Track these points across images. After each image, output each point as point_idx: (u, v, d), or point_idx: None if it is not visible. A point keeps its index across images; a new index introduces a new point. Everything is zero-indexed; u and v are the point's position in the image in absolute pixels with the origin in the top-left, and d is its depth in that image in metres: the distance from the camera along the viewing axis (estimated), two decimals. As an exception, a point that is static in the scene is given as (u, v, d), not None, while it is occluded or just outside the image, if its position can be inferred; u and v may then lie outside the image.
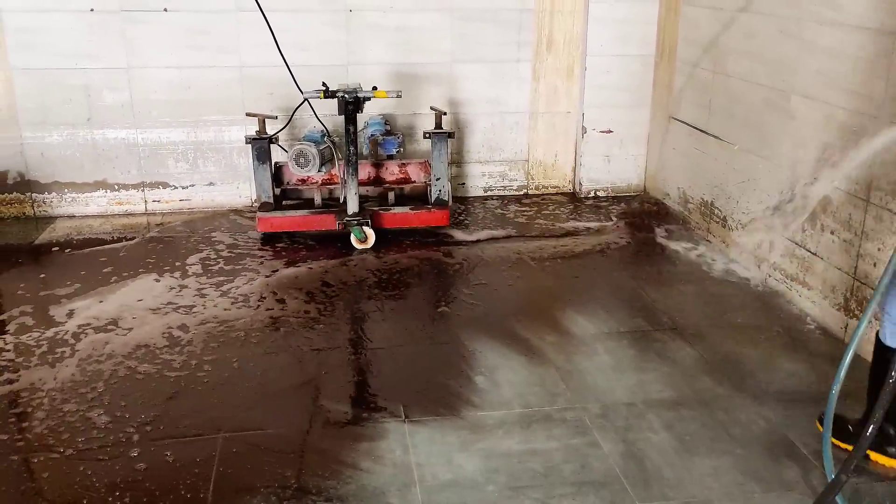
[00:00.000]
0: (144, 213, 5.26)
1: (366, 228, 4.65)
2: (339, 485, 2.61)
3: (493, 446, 2.82)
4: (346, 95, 4.43)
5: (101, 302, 3.91)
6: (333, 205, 4.91)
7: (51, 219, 5.12)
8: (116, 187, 5.24)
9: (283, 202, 5.00)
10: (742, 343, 3.56)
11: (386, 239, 4.76)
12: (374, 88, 4.49)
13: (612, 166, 5.67)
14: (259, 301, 3.97)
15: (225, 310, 3.86)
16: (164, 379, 3.24)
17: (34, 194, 5.14)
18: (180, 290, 4.06)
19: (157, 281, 4.17)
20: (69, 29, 4.88)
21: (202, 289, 4.08)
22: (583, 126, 5.58)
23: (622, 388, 3.20)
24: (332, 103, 4.55)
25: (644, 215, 5.28)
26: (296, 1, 5.04)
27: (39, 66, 4.91)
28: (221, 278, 4.22)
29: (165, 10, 4.93)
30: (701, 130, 4.88)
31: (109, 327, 3.65)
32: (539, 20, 5.39)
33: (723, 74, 4.59)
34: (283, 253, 4.60)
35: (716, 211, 4.73)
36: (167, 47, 5.02)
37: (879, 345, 2.60)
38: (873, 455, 2.69)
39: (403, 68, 5.30)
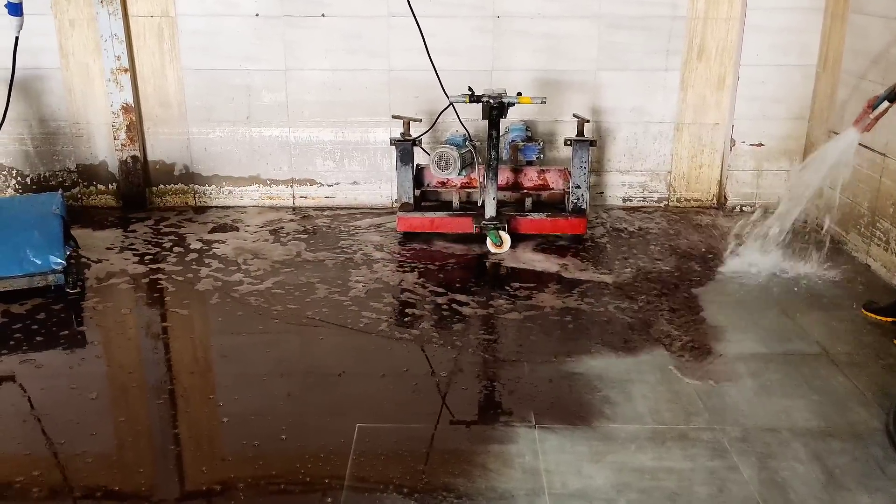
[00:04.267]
0: (292, 208, 5.54)
1: (502, 233, 4.67)
2: (468, 484, 2.63)
3: (625, 460, 2.76)
4: (490, 100, 4.48)
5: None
6: (471, 208, 4.97)
7: (216, 209, 5.50)
8: (268, 182, 5.55)
9: (423, 203, 5.11)
10: (903, 376, 3.30)
11: (521, 244, 4.77)
12: (519, 94, 4.52)
13: (762, 181, 5.41)
14: (394, 297, 4.08)
15: (361, 304, 3.99)
16: (293, 367, 3.41)
17: (196, 186, 5.54)
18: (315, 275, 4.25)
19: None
20: (236, 33, 5.21)
21: (336, 279, 4.25)
22: (732, 138, 5.35)
23: (765, 413, 3.04)
24: (475, 108, 4.61)
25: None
26: (445, 7, 5.15)
27: (208, 67, 5.28)
28: (358, 272, 4.38)
29: (323, 15, 5.17)
30: (866, 146, 4.55)
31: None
32: (691, 28, 5.22)
33: (893, 87, 4.27)
34: (420, 252, 4.70)
35: (877, 233, 4.40)
36: (322, 51, 5.27)
37: None
38: None
39: (547, 75, 5.29)
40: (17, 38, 4.56)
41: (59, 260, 4.00)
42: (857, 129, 3.62)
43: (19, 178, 5.45)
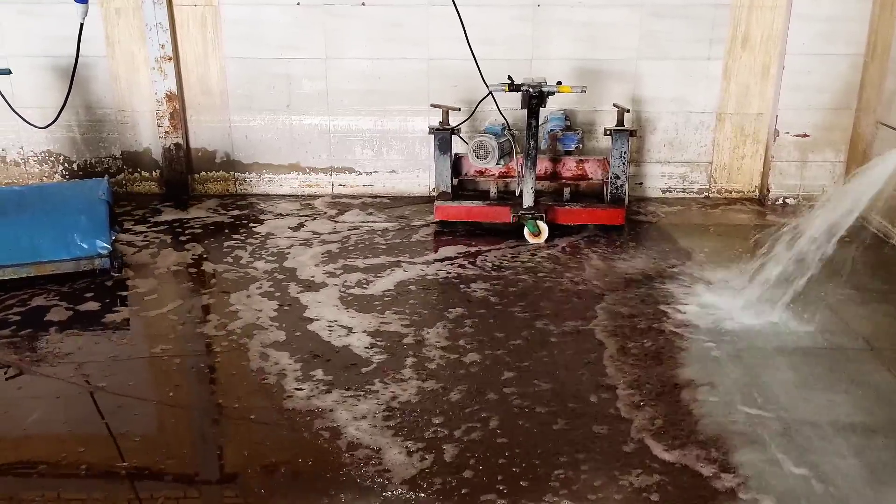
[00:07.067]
0: (331, 196, 5.58)
1: (539, 223, 4.66)
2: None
3: (663, 451, 2.75)
4: (530, 89, 4.46)
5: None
6: (508, 197, 4.97)
7: (259, 197, 5.58)
8: (308, 170, 5.60)
9: (460, 192, 5.12)
10: (950, 373, 3.22)
11: (558, 234, 4.75)
12: (559, 83, 4.49)
13: (806, 172, 5.32)
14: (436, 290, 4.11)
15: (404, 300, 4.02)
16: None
17: (237, 173, 5.62)
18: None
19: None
20: (277, 22, 5.27)
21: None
22: (775, 129, 5.26)
23: (807, 407, 3.00)
24: (514, 97, 4.60)
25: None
26: (485, -4, 5.14)
27: (249, 56, 5.34)
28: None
29: (363, 3, 5.20)
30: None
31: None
32: (735, 16, 5.14)
33: (946, 77, 4.16)
34: (455, 242, 4.71)
35: (926, 227, 4.30)
36: (362, 40, 5.29)
37: None
38: None
39: (587, 64, 5.25)
40: (81, 25, 4.57)
41: (105, 244, 4.10)
42: None
43: (66, 165, 5.58)
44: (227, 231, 4.90)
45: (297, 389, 3.06)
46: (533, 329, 3.58)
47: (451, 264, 4.34)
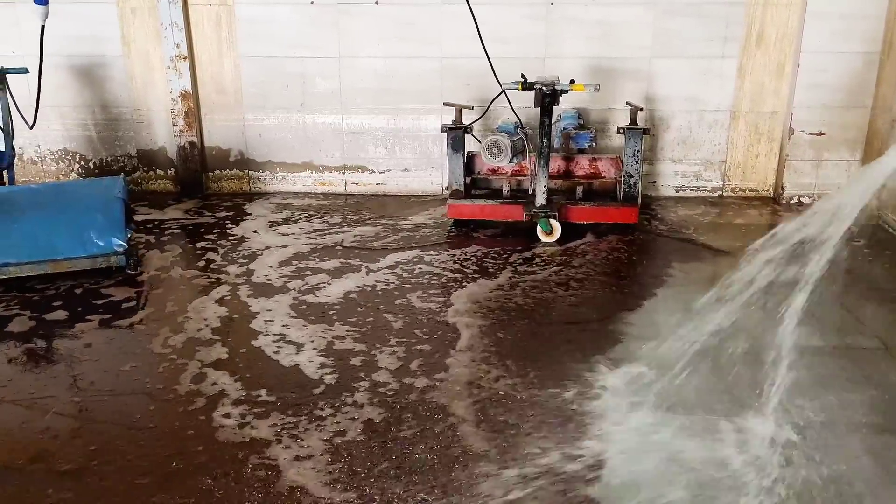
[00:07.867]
0: (343, 195, 5.61)
1: (552, 221, 4.66)
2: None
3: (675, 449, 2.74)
4: (543, 88, 4.46)
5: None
6: (521, 196, 4.97)
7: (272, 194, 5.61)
8: (321, 169, 5.63)
9: (473, 191, 5.12)
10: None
11: (572, 233, 4.75)
12: (572, 81, 4.48)
13: (821, 171, 5.29)
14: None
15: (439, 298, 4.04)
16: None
17: (251, 171, 5.65)
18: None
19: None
20: (291, 21, 5.29)
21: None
22: (790, 127, 5.23)
23: (820, 407, 2.98)
24: (526, 95, 4.60)
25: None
26: (498, -6, 5.14)
27: (263, 55, 5.37)
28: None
29: (377, 2, 5.21)
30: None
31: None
32: (750, 13, 5.11)
33: (963, 74, 4.12)
34: (469, 240, 4.72)
35: (942, 226, 4.27)
36: (375, 39, 5.31)
37: None
38: None
39: (600, 62, 5.24)
40: (42, 28, 4.59)
41: (121, 242, 4.13)
42: None
43: (82, 163, 5.64)
44: (202, 232, 4.89)
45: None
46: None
47: (458, 265, 4.36)
